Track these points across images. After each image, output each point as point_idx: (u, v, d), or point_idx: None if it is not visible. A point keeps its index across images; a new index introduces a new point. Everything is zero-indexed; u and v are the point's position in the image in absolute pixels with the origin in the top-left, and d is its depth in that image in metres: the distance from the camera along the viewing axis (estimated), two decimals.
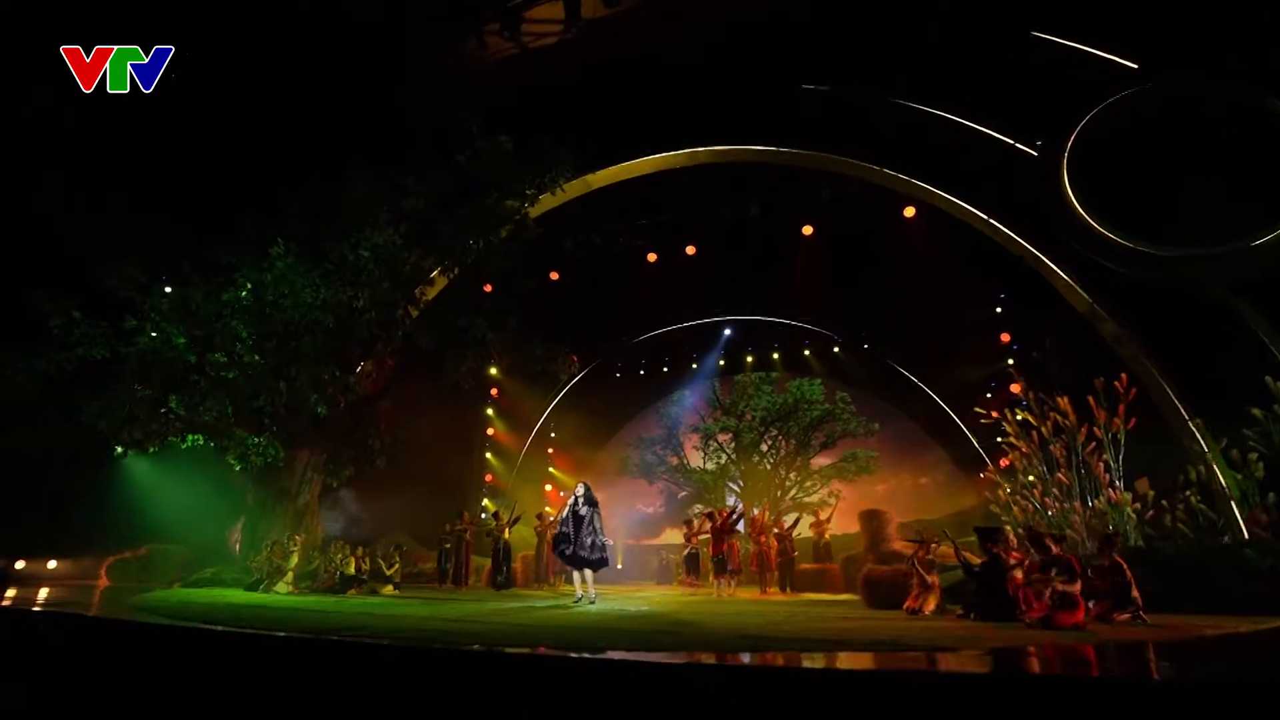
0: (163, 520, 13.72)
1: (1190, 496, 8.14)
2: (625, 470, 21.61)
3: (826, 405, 19.74)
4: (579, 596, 8.19)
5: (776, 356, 21.58)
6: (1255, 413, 8.26)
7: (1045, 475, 10.24)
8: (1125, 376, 9.47)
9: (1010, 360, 16.15)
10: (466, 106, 13.42)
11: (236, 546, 12.65)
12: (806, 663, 3.87)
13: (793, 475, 20.03)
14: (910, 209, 14.59)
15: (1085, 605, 5.30)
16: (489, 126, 12.96)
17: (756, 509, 16.16)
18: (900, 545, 10.33)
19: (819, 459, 20.09)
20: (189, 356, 11.72)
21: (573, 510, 8.20)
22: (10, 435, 11.54)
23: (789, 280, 17.87)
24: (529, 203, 13.76)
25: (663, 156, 15.11)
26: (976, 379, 16.98)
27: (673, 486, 21.70)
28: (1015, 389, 14.02)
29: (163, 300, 11.80)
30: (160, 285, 11.99)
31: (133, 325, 11.66)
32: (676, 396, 21.98)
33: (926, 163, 12.91)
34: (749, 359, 21.72)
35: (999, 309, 16.87)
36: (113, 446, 11.48)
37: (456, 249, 13.48)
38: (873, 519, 10.83)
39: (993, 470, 13.93)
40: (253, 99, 13.78)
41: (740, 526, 13.21)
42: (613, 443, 23.42)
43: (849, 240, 16.23)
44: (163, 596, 8.56)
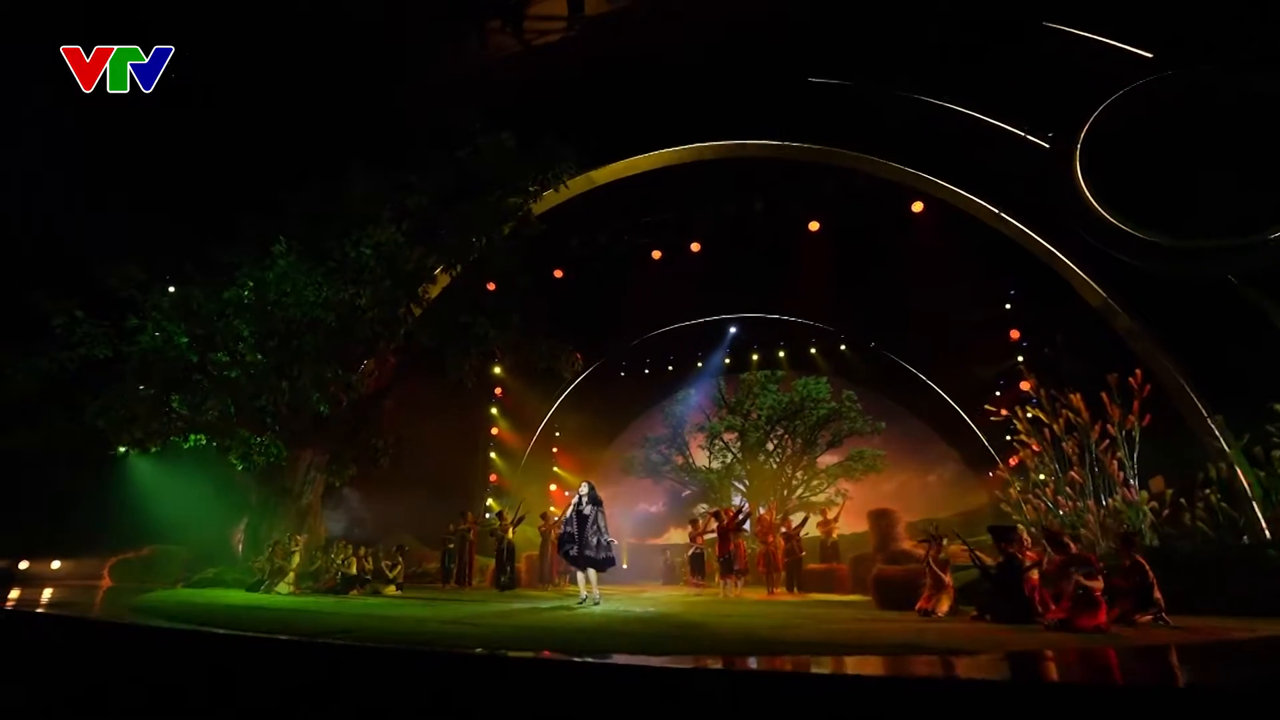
0: (166, 520, 13.67)
1: (1210, 495, 7.92)
2: (630, 470, 21.47)
3: (833, 404, 19.53)
4: (583, 597, 8.06)
5: (782, 355, 21.39)
6: (1278, 408, 8.04)
7: (1058, 473, 10.06)
8: (1140, 372, 9.26)
9: (1020, 358, 15.92)
10: (469, 104, 13.33)
11: (239, 546, 12.58)
12: (818, 668, 3.72)
13: (799, 474, 19.84)
14: (918, 204, 14.39)
15: (1107, 607, 5.11)
16: (492, 124, 12.86)
17: (763, 508, 15.98)
18: (910, 545, 10.16)
19: (825, 458, 19.90)
20: (191, 356, 11.66)
21: (576, 510, 8.08)
22: (13, 435, 11.49)
23: (795, 277, 17.68)
24: (532, 199, 13.64)
25: (667, 152, 14.97)
26: (986, 376, 16.76)
27: (676, 485, 21.54)
28: (1025, 386, 13.82)
29: (164, 299, 11.73)
30: (162, 284, 11.93)
31: (134, 324, 11.60)
32: (682, 395, 21.81)
33: (935, 156, 12.71)
34: (754, 357, 21.52)
35: (1008, 305, 16.63)
36: (114, 446, 11.42)
37: (459, 247, 13.38)
38: (882, 518, 10.66)
39: (1003, 468, 13.74)
40: (253, 99, 13.72)
41: (746, 526, 13.05)
42: (618, 442, 23.29)
43: (855, 236, 16.04)
44: (163, 597, 8.47)
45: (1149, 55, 10.52)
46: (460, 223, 13.17)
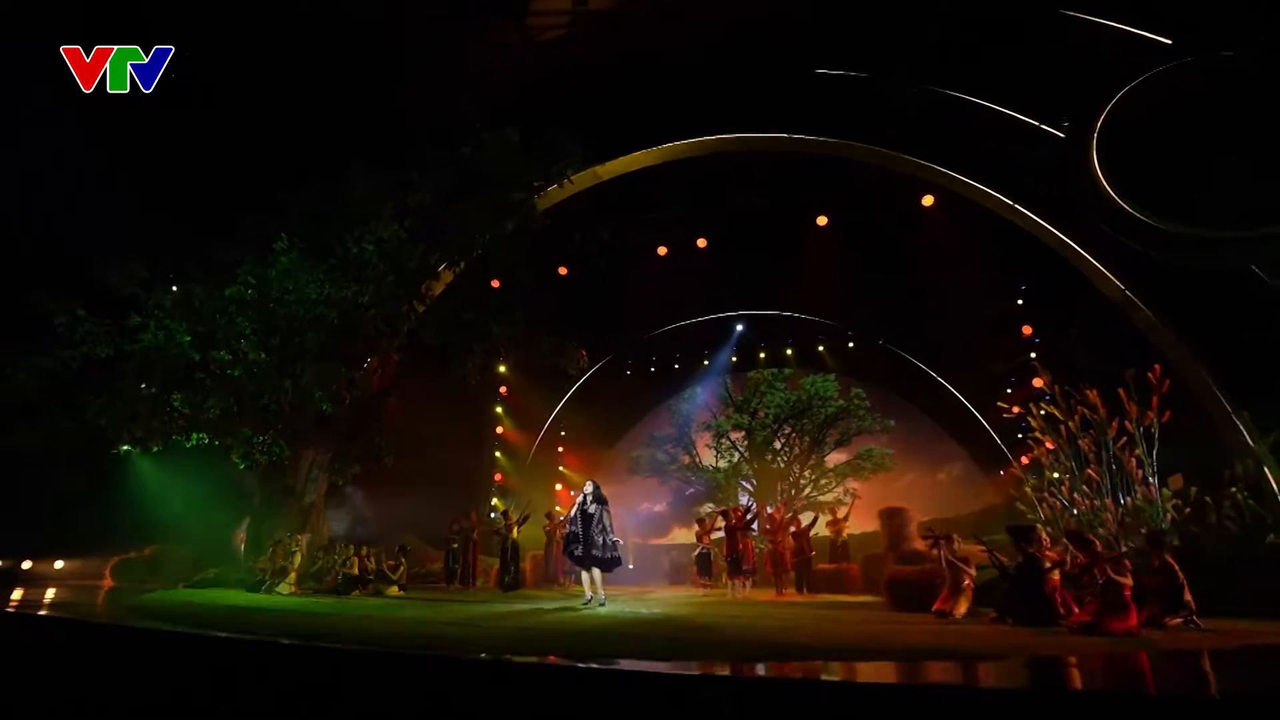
0: (168, 520, 13.58)
1: (1236, 492, 7.66)
2: (636, 469, 21.30)
3: (841, 402, 19.33)
4: (588, 598, 7.89)
5: (790, 352, 21.13)
6: None
7: (1074, 471, 9.82)
8: (1159, 367, 9.01)
9: (1033, 354, 15.63)
10: (471, 101, 13.19)
11: (242, 546, 12.47)
12: (835, 674, 3.52)
13: (807, 473, 19.64)
14: (928, 197, 14.12)
15: (1137, 609, 4.88)
16: (495, 119, 12.70)
17: (771, 508, 15.75)
18: (922, 546, 9.94)
19: (833, 456, 19.68)
20: (193, 354, 11.55)
21: (581, 509, 7.95)
22: (15, 434, 11.42)
23: (802, 273, 17.42)
24: (536, 195, 13.48)
25: (672, 146, 14.77)
26: (997, 373, 16.47)
27: (680, 484, 21.35)
28: (1038, 383, 13.55)
29: (166, 297, 11.64)
30: (163, 283, 11.83)
31: (136, 322, 11.51)
32: (688, 394, 21.63)
33: (947, 148, 12.45)
34: (761, 355, 21.28)
35: (1020, 301, 16.33)
36: (116, 445, 11.33)
37: (462, 243, 13.24)
38: (893, 517, 10.41)
39: (1016, 466, 13.48)
40: (253, 98, 13.62)
41: (754, 527, 12.84)
42: (624, 441, 23.11)
43: (864, 231, 15.79)
44: (162, 597, 8.36)
45: (1168, 42, 10.24)
46: (463, 219, 13.02)
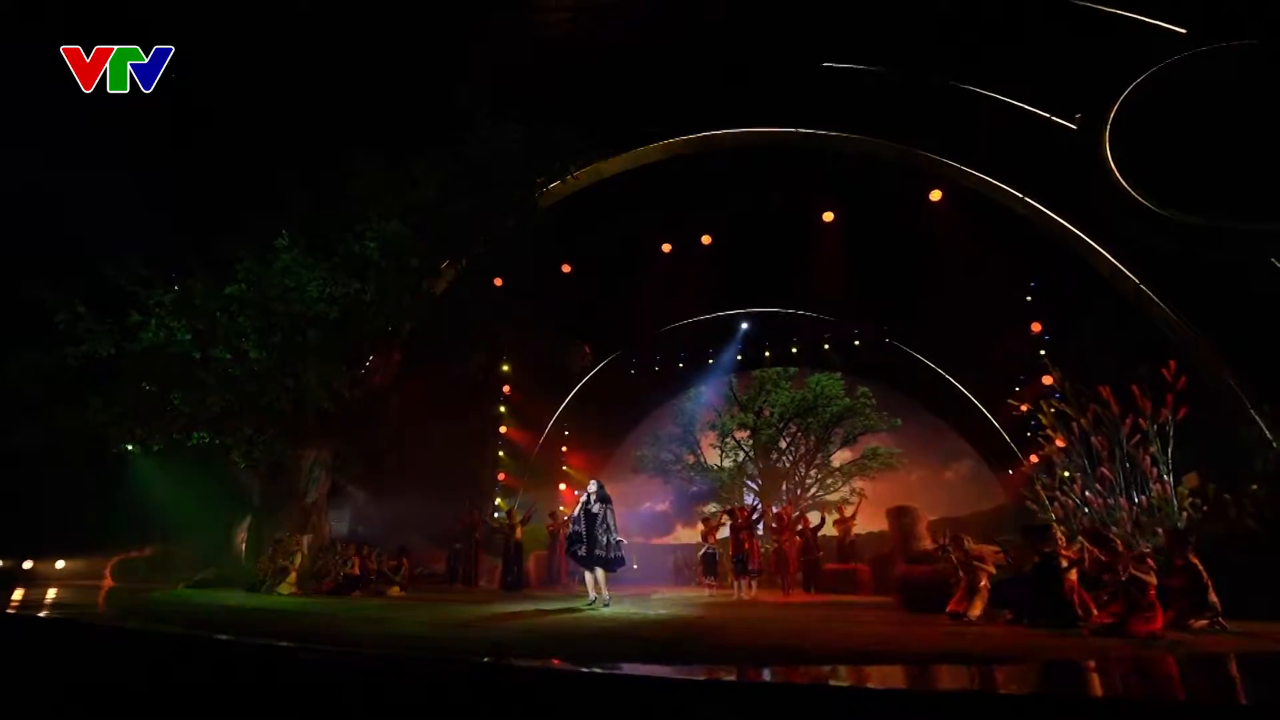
0: (169, 519, 13.49)
1: (1257, 490, 7.46)
2: (641, 468, 21.16)
3: (847, 400, 19.15)
4: (592, 599, 7.75)
5: (795, 351, 20.92)
6: None
7: (1086, 469, 9.63)
8: (1174, 363, 8.81)
9: (1043, 351, 15.40)
10: (474, 94, 13.05)
11: (243, 546, 12.38)
12: (851, 680, 3.36)
13: (813, 473, 19.47)
14: (936, 192, 13.90)
15: (1162, 611, 4.69)
16: (497, 114, 12.57)
17: (777, 507, 15.58)
18: (932, 546, 9.76)
19: (839, 455, 19.49)
20: (193, 352, 11.46)
21: (585, 509, 7.86)
22: (16, 434, 11.35)
23: (808, 270, 17.21)
24: (539, 191, 13.34)
25: (676, 141, 14.61)
26: (1007, 370, 16.24)
27: (683, 484, 21.19)
28: (1047, 380, 13.35)
29: (166, 295, 11.54)
30: (164, 280, 11.74)
31: (137, 320, 11.41)
32: (693, 393, 21.45)
33: (957, 141, 12.25)
34: (767, 353, 21.08)
35: (1029, 298, 16.10)
36: (116, 444, 11.24)
37: (465, 240, 13.10)
38: (902, 516, 10.25)
39: (1026, 465, 13.28)
40: (255, 94, 13.53)
41: (760, 528, 12.68)
42: (628, 441, 22.94)
43: (870, 228, 15.56)
44: (158, 598, 8.25)
45: (1182, 31, 10.03)
46: (466, 216, 12.89)
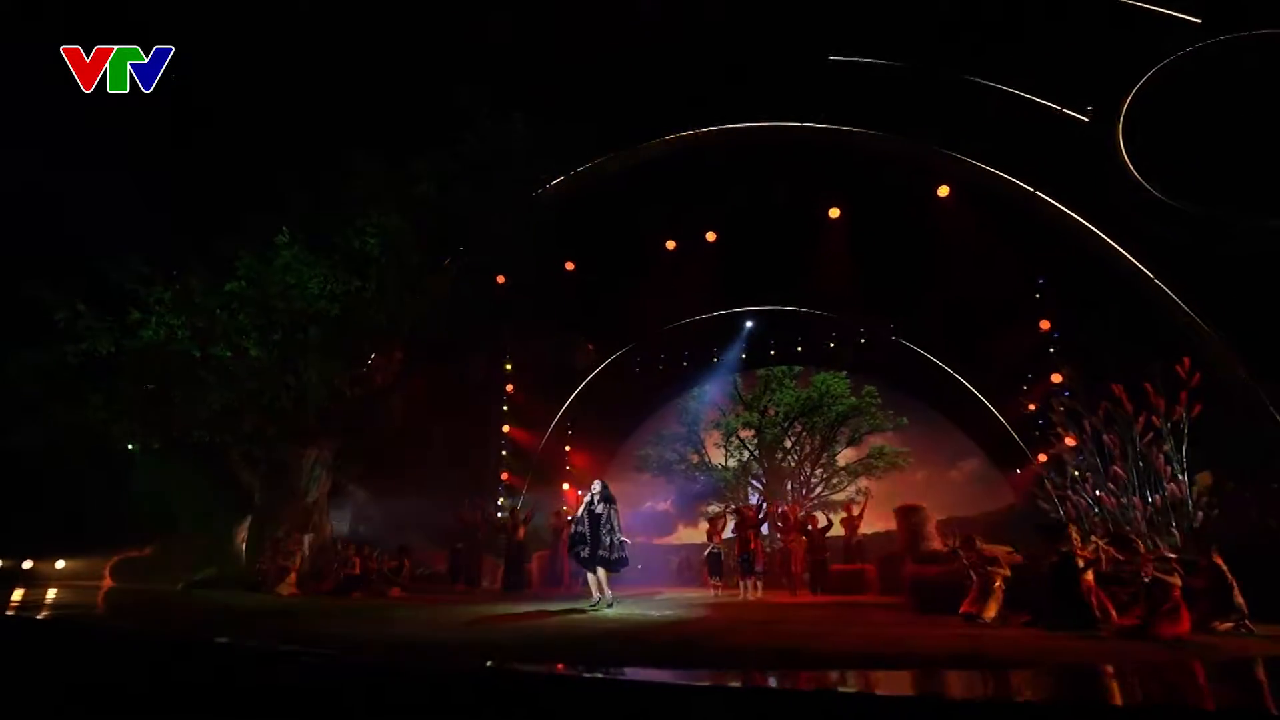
0: (169, 518, 13.39)
1: (1278, 488, 7.29)
2: (645, 467, 21.01)
3: (852, 399, 18.96)
4: (595, 599, 7.62)
5: (800, 349, 20.73)
6: None
7: (1099, 467, 9.46)
8: (1187, 360, 8.64)
9: (1051, 349, 15.21)
10: (475, 92, 12.94)
11: (243, 546, 12.28)
12: (864, 685, 3.21)
13: (818, 472, 19.29)
14: (944, 188, 13.72)
15: (1189, 614, 4.53)
16: (499, 112, 12.46)
17: (784, 506, 15.41)
18: (941, 546, 9.60)
19: (845, 454, 19.31)
20: (193, 350, 11.38)
21: (588, 509, 7.77)
22: (16, 433, 11.28)
23: (814, 267, 17.02)
24: (542, 187, 13.23)
25: (679, 137, 14.45)
26: (1016, 369, 16.04)
27: (685, 483, 21.03)
28: (1056, 379, 13.17)
29: (166, 293, 11.47)
30: (164, 278, 11.66)
31: (137, 318, 11.34)
32: (697, 392, 21.27)
33: (966, 135, 12.08)
34: (771, 352, 20.89)
35: (1038, 295, 15.89)
36: (116, 442, 11.17)
37: (467, 237, 13.00)
38: (911, 515, 10.09)
39: (1035, 464, 13.10)
40: (255, 91, 13.44)
41: (765, 529, 12.52)
42: (631, 440, 22.77)
43: (877, 224, 15.37)
44: (159, 598, 8.13)
45: (1197, 21, 9.84)
46: (468, 213, 12.78)
